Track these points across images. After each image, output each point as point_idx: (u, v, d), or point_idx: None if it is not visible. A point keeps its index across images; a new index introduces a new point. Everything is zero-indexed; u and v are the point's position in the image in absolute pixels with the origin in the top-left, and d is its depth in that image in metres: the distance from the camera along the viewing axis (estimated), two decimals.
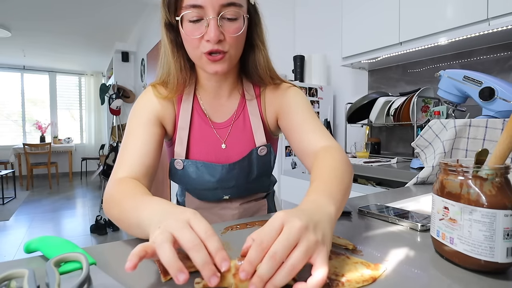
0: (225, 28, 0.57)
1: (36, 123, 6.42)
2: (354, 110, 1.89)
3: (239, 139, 0.70)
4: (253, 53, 0.67)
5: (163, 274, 0.35)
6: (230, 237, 0.48)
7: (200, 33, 0.56)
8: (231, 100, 0.71)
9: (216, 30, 0.55)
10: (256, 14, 0.65)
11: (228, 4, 0.55)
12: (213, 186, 0.69)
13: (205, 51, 0.57)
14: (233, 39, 0.58)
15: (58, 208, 4.01)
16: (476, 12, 1.31)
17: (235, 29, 0.57)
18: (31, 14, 3.84)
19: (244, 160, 0.69)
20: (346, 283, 0.33)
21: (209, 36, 0.55)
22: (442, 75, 1.21)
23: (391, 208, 0.61)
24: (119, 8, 3.75)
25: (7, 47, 5.14)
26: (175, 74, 0.64)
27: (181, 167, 0.68)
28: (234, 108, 0.70)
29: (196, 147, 0.69)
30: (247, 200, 0.76)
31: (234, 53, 0.60)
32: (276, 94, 0.71)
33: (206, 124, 0.69)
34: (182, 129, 0.68)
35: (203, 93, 0.70)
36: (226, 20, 0.56)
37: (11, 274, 0.31)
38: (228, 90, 0.70)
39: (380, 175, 1.37)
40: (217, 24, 0.55)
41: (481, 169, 0.36)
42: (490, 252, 0.34)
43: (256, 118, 0.70)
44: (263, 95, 0.72)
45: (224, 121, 0.70)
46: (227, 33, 0.57)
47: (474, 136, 0.89)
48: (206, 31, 0.56)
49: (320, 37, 2.57)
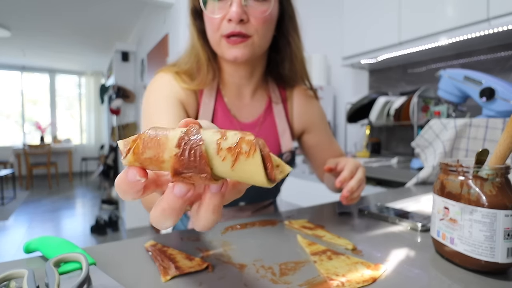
0: (250, 8, 0.51)
1: (36, 123, 6.42)
2: (354, 110, 1.89)
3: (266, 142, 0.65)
4: (290, 48, 0.61)
5: (163, 274, 0.35)
6: (230, 237, 0.48)
7: (222, 12, 0.51)
8: (256, 101, 0.66)
9: (238, 7, 0.49)
10: (290, 6, 0.60)
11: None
12: None
13: (225, 33, 0.52)
14: (259, 21, 0.52)
15: (58, 208, 4.01)
16: (476, 12, 1.31)
17: (262, 10, 0.51)
18: (31, 14, 3.83)
19: None
20: (346, 283, 0.33)
21: (231, 14, 0.49)
22: (442, 75, 1.21)
23: (391, 208, 0.61)
24: (119, 8, 3.75)
25: (7, 47, 5.14)
26: (204, 62, 0.59)
27: None
28: (260, 110, 0.66)
29: None
30: (258, 207, 0.74)
31: (258, 40, 0.54)
32: (307, 104, 0.69)
33: (231, 123, 0.63)
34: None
35: (226, 90, 0.64)
36: (252, 0, 0.51)
37: (10, 274, 0.31)
38: (252, 89, 0.65)
39: (380, 175, 1.37)
40: (240, 2, 0.50)
41: (481, 169, 0.36)
42: (491, 252, 0.34)
43: (282, 122, 0.67)
44: (290, 100, 0.68)
45: (249, 121, 0.65)
46: (252, 14, 0.51)
47: (474, 136, 0.89)
48: (228, 10, 0.50)
49: (320, 37, 2.57)
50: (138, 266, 0.38)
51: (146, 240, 0.46)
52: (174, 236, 0.48)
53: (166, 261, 0.38)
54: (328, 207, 0.65)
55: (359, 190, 0.52)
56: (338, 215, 0.59)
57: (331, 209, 0.64)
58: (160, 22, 3.03)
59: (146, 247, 0.43)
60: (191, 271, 0.36)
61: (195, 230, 0.51)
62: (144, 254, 0.41)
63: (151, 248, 0.42)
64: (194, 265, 0.37)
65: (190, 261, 0.38)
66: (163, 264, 0.37)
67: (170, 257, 0.39)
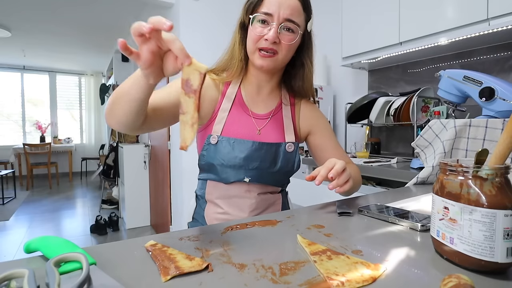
0: (282, 35, 0.71)
1: (36, 123, 6.41)
2: (354, 110, 1.89)
3: (274, 131, 0.81)
4: (303, 69, 0.81)
5: (163, 274, 0.35)
6: (230, 237, 0.48)
7: (263, 32, 0.71)
8: (271, 98, 0.83)
9: (275, 33, 0.70)
10: (309, 40, 0.80)
11: (290, 20, 0.70)
12: (239, 163, 0.75)
13: (261, 46, 0.71)
14: (285, 45, 0.72)
15: (58, 208, 4.01)
16: (476, 12, 1.31)
17: (289, 38, 0.72)
18: (31, 14, 3.83)
19: (272, 146, 0.78)
20: (346, 283, 0.33)
21: (268, 36, 0.70)
22: (442, 75, 1.21)
23: (391, 208, 0.61)
24: (119, 8, 3.75)
25: (7, 47, 5.13)
26: (237, 59, 0.77)
27: (215, 142, 0.76)
28: (273, 106, 0.83)
29: (233, 127, 0.78)
30: (265, 191, 0.81)
31: (282, 58, 0.73)
32: (312, 111, 0.87)
33: (245, 112, 0.80)
34: (223, 111, 0.78)
35: (248, 86, 0.82)
36: (284, 30, 0.71)
37: (11, 274, 0.31)
38: (269, 89, 0.82)
39: (380, 175, 1.37)
40: (277, 30, 0.70)
41: (481, 169, 0.36)
42: (490, 252, 0.34)
43: (288, 120, 0.83)
44: (297, 106, 0.86)
45: (263, 113, 0.81)
46: (282, 39, 0.71)
47: (474, 136, 0.89)
48: (267, 33, 0.70)
49: (320, 37, 2.56)
50: (138, 266, 0.38)
51: (146, 240, 0.46)
52: (174, 236, 0.48)
53: (166, 261, 0.38)
54: (328, 207, 0.65)
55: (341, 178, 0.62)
56: (338, 215, 0.59)
57: (331, 209, 0.64)
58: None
59: (146, 247, 0.43)
60: (191, 271, 0.36)
61: (195, 230, 0.52)
62: (144, 254, 0.41)
63: (151, 248, 0.42)
64: (194, 265, 0.37)
65: (190, 261, 0.38)
66: (163, 264, 0.37)
67: (170, 257, 0.39)
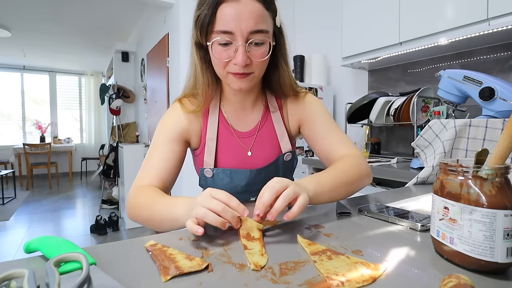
0: (252, 52, 0.61)
1: (36, 123, 6.42)
2: (354, 110, 1.89)
3: (265, 146, 0.75)
4: (278, 72, 0.72)
5: (163, 274, 0.35)
6: (230, 237, 0.48)
7: (229, 56, 0.61)
8: (255, 111, 0.76)
9: (243, 55, 0.59)
10: (281, 36, 0.69)
11: (256, 31, 0.59)
12: (242, 189, 0.74)
13: (232, 72, 0.62)
14: (259, 62, 0.62)
15: (58, 208, 4.01)
16: (476, 12, 1.31)
17: (261, 53, 0.62)
18: (31, 14, 3.83)
19: (271, 166, 0.75)
20: (346, 283, 0.33)
21: (237, 60, 0.59)
22: (442, 75, 1.21)
23: (391, 208, 0.61)
24: (119, 8, 3.75)
25: (7, 47, 5.13)
26: (203, 89, 0.68)
27: (211, 175, 0.73)
28: (258, 119, 0.76)
29: (223, 156, 0.73)
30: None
31: (258, 73, 0.65)
32: (297, 104, 0.78)
33: (230, 134, 0.74)
34: (211, 140, 0.73)
35: (228, 105, 0.75)
36: (253, 45, 0.60)
37: (11, 274, 0.31)
38: (252, 102, 0.75)
39: (380, 175, 1.37)
40: (245, 50, 0.59)
41: (481, 169, 0.36)
42: (490, 252, 0.34)
43: (280, 127, 0.76)
44: (285, 106, 0.79)
45: (248, 130, 0.75)
46: (253, 57, 0.61)
47: (474, 136, 0.89)
48: (234, 56, 0.60)
49: (320, 37, 2.57)
50: (138, 266, 0.38)
51: (146, 240, 0.46)
52: (174, 236, 0.48)
53: (166, 261, 0.38)
54: (328, 207, 0.65)
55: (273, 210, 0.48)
56: (338, 215, 0.59)
57: (331, 209, 0.64)
58: (160, 22, 3.03)
59: (146, 247, 0.43)
60: (191, 271, 0.36)
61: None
62: (144, 254, 0.41)
63: (151, 248, 0.42)
64: (194, 265, 0.37)
65: (190, 261, 0.38)
66: (163, 264, 0.37)
67: (170, 257, 0.39)
